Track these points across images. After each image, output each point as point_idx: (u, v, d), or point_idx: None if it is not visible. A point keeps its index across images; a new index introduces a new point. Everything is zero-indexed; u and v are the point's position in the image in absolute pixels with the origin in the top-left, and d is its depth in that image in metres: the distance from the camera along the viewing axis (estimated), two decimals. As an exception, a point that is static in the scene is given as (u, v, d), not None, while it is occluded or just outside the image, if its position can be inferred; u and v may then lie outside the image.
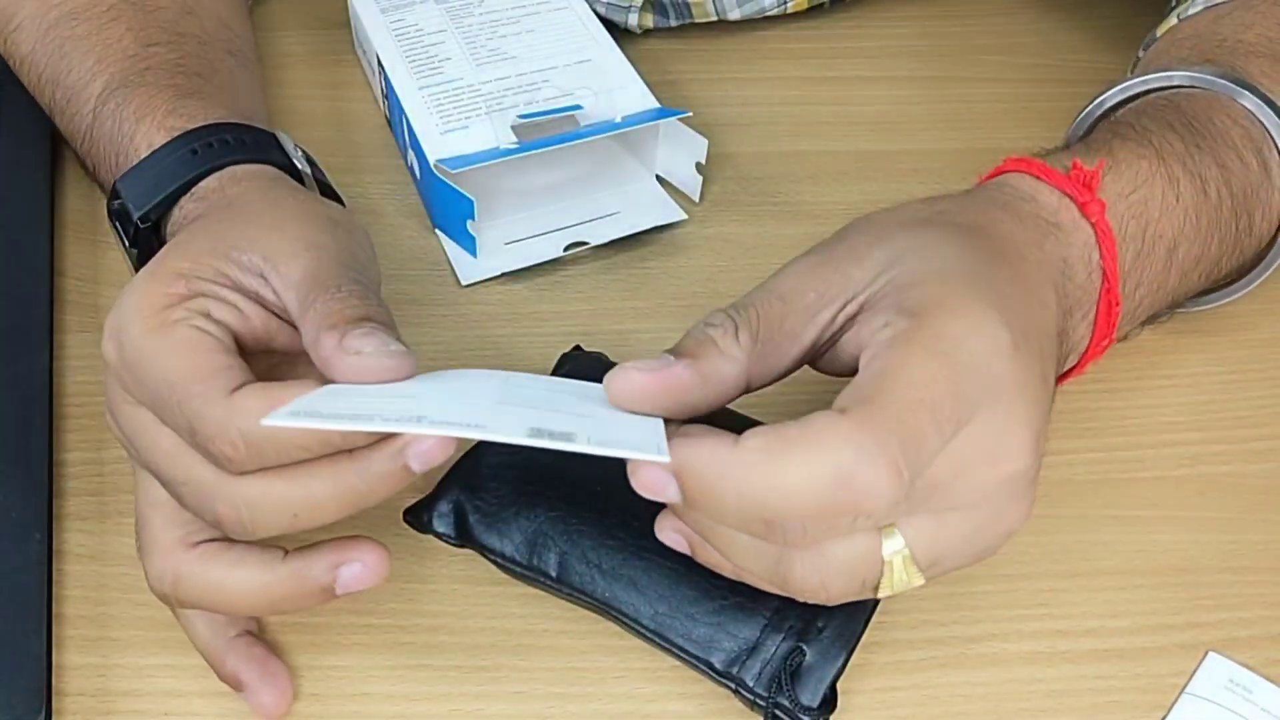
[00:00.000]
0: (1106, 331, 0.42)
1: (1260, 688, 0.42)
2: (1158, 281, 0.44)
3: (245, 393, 0.35)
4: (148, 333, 0.36)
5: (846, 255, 0.36)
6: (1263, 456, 0.49)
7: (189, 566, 0.37)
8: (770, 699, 0.39)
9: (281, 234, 0.39)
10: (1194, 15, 0.52)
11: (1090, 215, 0.40)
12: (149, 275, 0.38)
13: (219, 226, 0.40)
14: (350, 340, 0.35)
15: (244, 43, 0.56)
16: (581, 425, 0.32)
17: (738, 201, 0.59)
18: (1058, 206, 0.40)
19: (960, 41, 0.69)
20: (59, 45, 0.51)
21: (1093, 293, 0.41)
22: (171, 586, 0.37)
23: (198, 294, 0.37)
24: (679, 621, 0.40)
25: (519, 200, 0.57)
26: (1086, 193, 0.40)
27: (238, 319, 0.38)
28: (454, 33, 0.59)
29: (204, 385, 0.35)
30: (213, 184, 0.44)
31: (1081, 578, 0.45)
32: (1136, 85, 0.48)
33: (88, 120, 0.49)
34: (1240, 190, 0.45)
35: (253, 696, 0.40)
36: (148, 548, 0.38)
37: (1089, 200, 0.40)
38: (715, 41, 0.67)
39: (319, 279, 0.37)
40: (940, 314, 0.33)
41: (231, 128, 0.46)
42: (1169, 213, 0.43)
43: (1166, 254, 0.43)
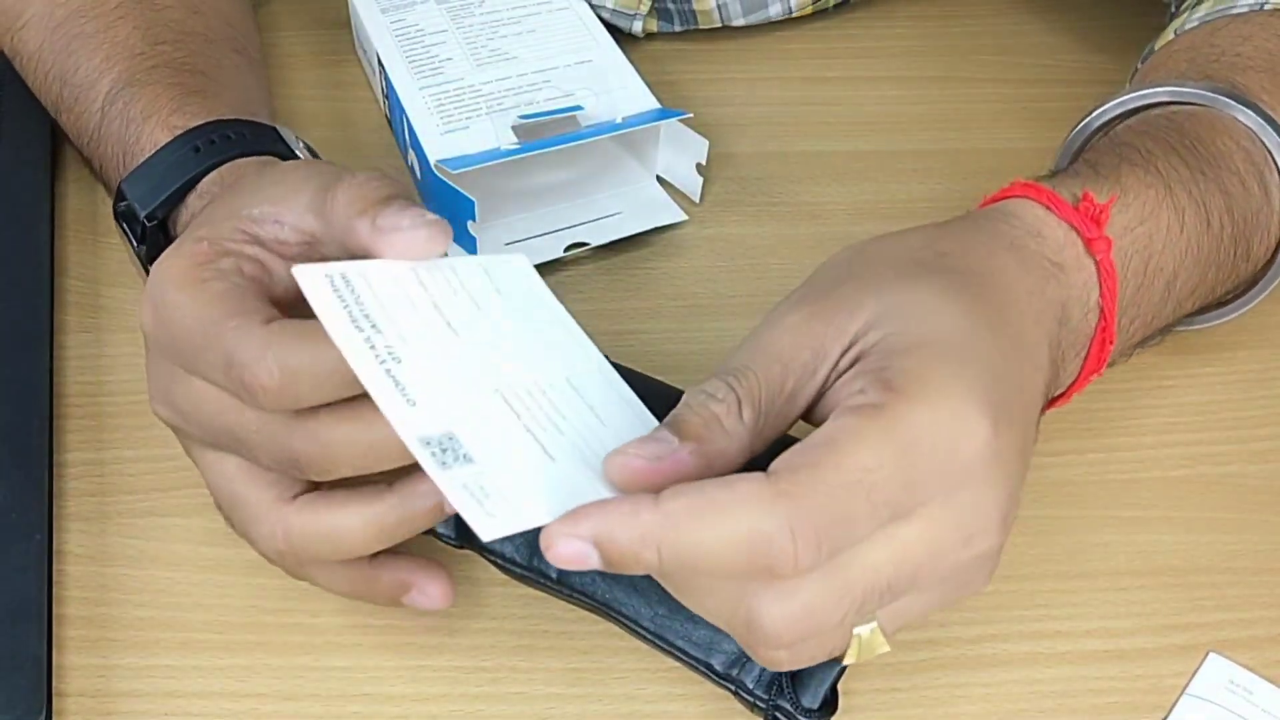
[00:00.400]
0: (1096, 366, 0.41)
1: (1261, 688, 0.42)
2: (1153, 312, 0.43)
3: (281, 324, 0.34)
4: (181, 288, 0.36)
5: (839, 307, 0.35)
6: (1263, 457, 0.49)
7: (295, 518, 0.37)
8: (770, 701, 0.39)
9: (283, 183, 0.39)
10: (1190, 30, 0.52)
11: (1096, 252, 0.39)
12: (175, 248, 0.38)
13: (227, 198, 0.40)
14: (385, 218, 0.35)
15: (249, 41, 0.56)
16: (507, 455, 0.31)
17: (738, 202, 0.59)
18: (1063, 243, 0.39)
19: (960, 42, 0.69)
20: (66, 43, 0.51)
21: (1088, 332, 0.40)
22: (285, 543, 0.37)
23: (224, 253, 0.37)
24: (679, 624, 0.40)
25: (519, 201, 0.57)
26: (1094, 228, 0.39)
27: (263, 274, 0.37)
28: (455, 33, 0.59)
29: (240, 319, 0.35)
30: (214, 178, 0.45)
31: (1081, 579, 0.45)
32: (1134, 100, 0.47)
33: (95, 119, 0.49)
34: (1241, 217, 0.45)
35: (420, 593, 0.39)
36: (249, 520, 0.38)
37: (1096, 237, 0.39)
38: (716, 43, 0.67)
39: (329, 181, 0.37)
40: (914, 399, 0.32)
41: (234, 124, 0.46)
42: (1172, 245, 0.42)
43: (1165, 286, 0.43)
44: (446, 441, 0.30)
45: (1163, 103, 0.47)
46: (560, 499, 0.31)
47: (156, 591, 0.43)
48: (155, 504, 0.45)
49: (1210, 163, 0.44)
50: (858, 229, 0.58)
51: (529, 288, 0.38)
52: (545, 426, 0.33)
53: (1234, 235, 0.44)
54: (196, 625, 0.42)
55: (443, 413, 0.31)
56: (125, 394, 0.49)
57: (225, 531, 0.44)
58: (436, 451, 0.30)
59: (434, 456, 0.30)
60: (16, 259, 0.51)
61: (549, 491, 0.31)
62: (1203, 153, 0.44)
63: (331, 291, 0.32)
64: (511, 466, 0.31)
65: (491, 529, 0.29)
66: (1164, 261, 0.42)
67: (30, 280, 0.50)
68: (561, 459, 0.32)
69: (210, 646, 0.42)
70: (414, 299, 0.34)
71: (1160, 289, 0.43)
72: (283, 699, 0.41)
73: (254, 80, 0.54)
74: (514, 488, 0.30)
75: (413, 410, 0.31)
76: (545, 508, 0.30)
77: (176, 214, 0.45)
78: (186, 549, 0.44)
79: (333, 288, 0.32)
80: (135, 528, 0.45)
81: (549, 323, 0.37)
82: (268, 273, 0.37)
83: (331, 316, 0.32)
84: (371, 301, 0.33)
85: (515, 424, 0.32)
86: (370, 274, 0.33)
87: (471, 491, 0.30)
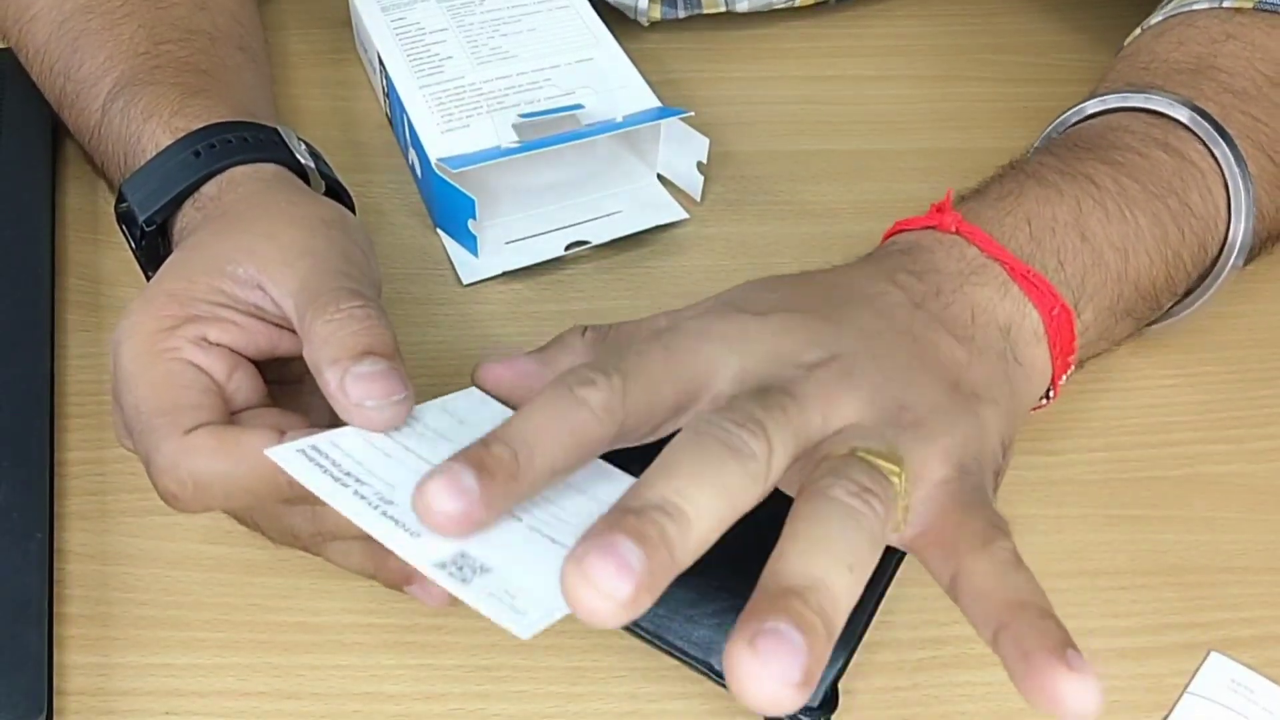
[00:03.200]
0: (1052, 303, 0.40)
1: (1262, 687, 0.42)
2: (1088, 264, 0.42)
3: (200, 433, 0.36)
4: (134, 358, 0.38)
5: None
6: (1264, 456, 0.49)
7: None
8: None
9: (275, 241, 0.39)
10: (1151, 27, 0.53)
11: (946, 227, 0.41)
12: (145, 300, 0.39)
13: (214, 240, 0.41)
14: (353, 384, 0.35)
15: (254, 38, 0.56)
16: (519, 556, 0.32)
17: (739, 201, 0.59)
18: (916, 241, 0.41)
19: (961, 41, 0.69)
20: (73, 39, 0.51)
21: (1010, 293, 0.40)
22: (315, 523, 0.39)
23: (193, 317, 0.38)
24: (678, 624, 0.40)
25: (520, 199, 0.57)
26: (938, 215, 0.42)
27: (237, 335, 0.39)
28: (455, 31, 0.59)
29: (165, 419, 0.36)
30: (212, 190, 0.44)
31: (1082, 577, 0.45)
32: (1059, 125, 0.50)
33: (96, 117, 0.49)
34: (1151, 177, 0.44)
35: (423, 590, 0.39)
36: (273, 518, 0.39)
37: (945, 218, 0.41)
38: (717, 41, 0.67)
39: (314, 294, 0.38)
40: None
41: (235, 126, 0.46)
42: (1049, 203, 0.42)
43: (1079, 238, 0.42)
44: (460, 560, 0.31)
45: (1091, 114, 0.48)
46: None
47: (158, 590, 0.43)
48: (156, 502, 0.45)
49: (1088, 148, 0.45)
50: (859, 228, 0.57)
51: (489, 411, 0.39)
52: (547, 520, 0.33)
53: (1148, 192, 0.44)
54: (198, 624, 0.42)
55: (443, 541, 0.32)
56: (126, 393, 0.49)
57: (226, 530, 0.44)
58: (454, 571, 0.31)
59: (452, 576, 0.31)
60: (18, 257, 0.51)
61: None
62: (1082, 144, 0.45)
63: (308, 463, 0.34)
64: (528, 565, 0.32)
65: (526, 627, 0.30)
66: (1052, 215, 0.42)
67: (31, 279, 0.50)
68: (571, 543, 0.32)
69: (211, 645, 0.42)
70: (387, 450, 0.35)
71: (1075, 240, 0.42)
72: (284, 697, 0.41)
73: (257, 79, 0.54)
74: (538, 582, 0.31)
75: (419, 541, 0.32)
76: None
77: (175, 218, 0.45)
78: (188, 547, 0.44)
79: (308, 459, 0.34)
80: (136, 526, 0.45)
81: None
82: (241, 332, 0.39)
83: (316, 484, 0.33)
84: (348, 462, 0.34)
85: (518, 526, 0.33)
86: (340, 440, 0.35)
87: (499, 598, 0.30)
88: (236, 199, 0.44)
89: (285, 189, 0.44)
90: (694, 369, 0.34)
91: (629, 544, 0.28)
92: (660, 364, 0.34)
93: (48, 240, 0.52)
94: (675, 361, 0.34)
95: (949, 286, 0.40)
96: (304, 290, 0.38)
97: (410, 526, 0.32)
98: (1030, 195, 0.43)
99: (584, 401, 0.32)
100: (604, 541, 0.28)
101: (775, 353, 0.35)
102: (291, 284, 0.38)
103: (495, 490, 0.30)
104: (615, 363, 0.33)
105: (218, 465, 0.35)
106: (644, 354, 0.34)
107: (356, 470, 0.34)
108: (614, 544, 0.28)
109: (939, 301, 0.39)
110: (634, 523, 0.28)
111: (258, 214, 0.42)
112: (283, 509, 0.39)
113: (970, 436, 0.35)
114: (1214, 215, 0.46)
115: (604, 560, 0.27)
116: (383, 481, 0.34)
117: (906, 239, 0.42)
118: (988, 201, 0.43)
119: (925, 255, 0.41)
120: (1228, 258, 0.46)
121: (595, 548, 0.28)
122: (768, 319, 0.36)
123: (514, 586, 0.31)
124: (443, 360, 0.51)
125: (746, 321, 0.36)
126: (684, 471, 0.30)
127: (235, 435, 0.36)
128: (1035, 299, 0.40)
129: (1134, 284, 0.44)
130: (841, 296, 0.38)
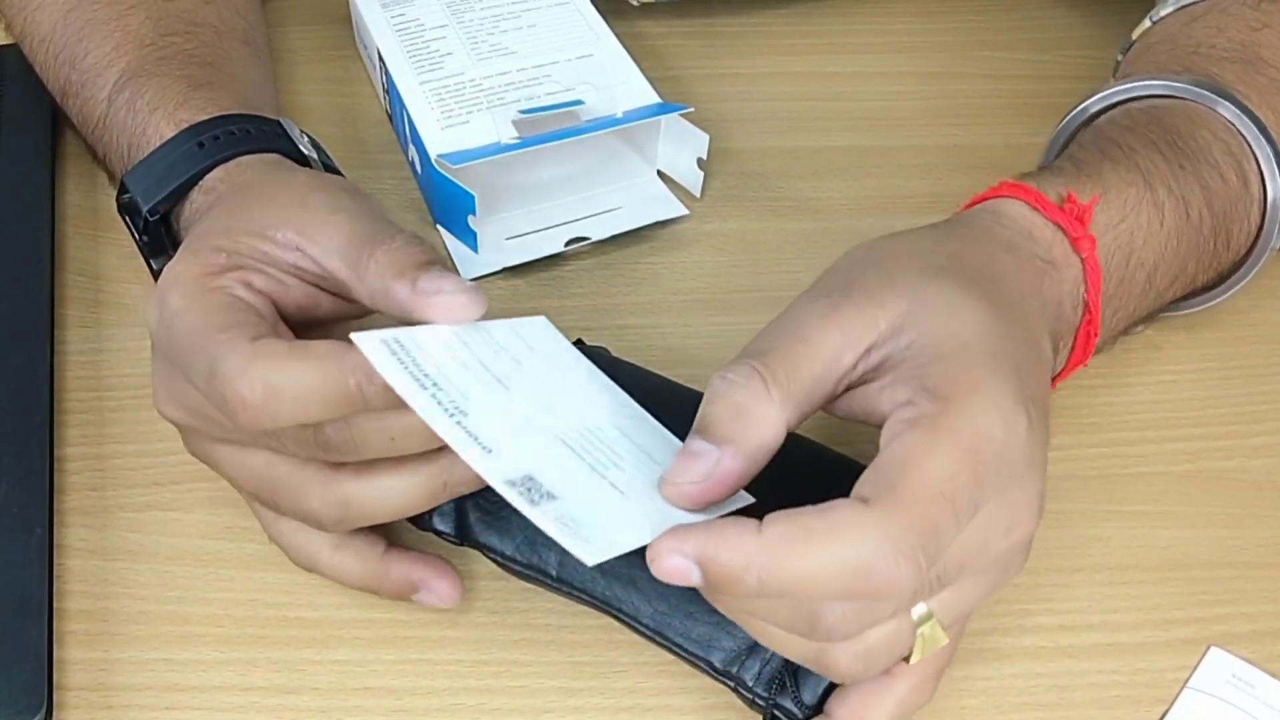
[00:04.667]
0: (1081, 358, 0.43)
1: (1263, 682, 0.42)
2: (1135, 304, 0.45)
3: (269, 340, 0.35)
4: (183, 295, 0.37)
5: (866, 299, 0.35)
6: (1264, 452, 0.49)
7: (352, 485, 0.37)
8: (770, 699, 0.39)
9: (306, 207, 0.39)
10: (1165, 17, 0.53)
11: (1081, 250, 0.41)
12: (190, 250, 0.39)
13: (247, 208, 0.40)
14: (426, 282, 0.35)
15: (257, 32, 0.57)
16: (582, 491, 0.33)
17: (739, 197, 0.59)
18: (1051, 241, 0.41)
19: (960, 37, 0.69)
20: (79, 28, 0.51)
21: (1075, 324, 0.42)
22: (344, 509, 0.37)
23: (238, 266, 0.38)
24: (678, 620, 0.40)
25: (520, 195, 0.56)
26: (1079, 227, 0.41)
27: (279, 289, 0.38)
28: (455, 28, 0.59)
29: (230, 332, 0.35)
30: (219, 175, 0.45)
31: (1084, 573, 0.45)
32: (1117, 94, 0.49)
33: (102, 108, 0.49)
34: (1221, 209, 0.46)
35: (429, 591, 0.41)
36: (298, 497, 0.38)
37: (1081, 236, 0.41)
38: (717, 36, 0.67)
39: (364, 237, 0.38)
40: (965, 402, 0.32)
41: (238, 119, 0.46)
42: (1152, 239, 0.44)
43: (1146, 279, 0.44)
44: (529, 483, 0.32)
45: (1145, 96, 0.48)
46: (649, 525, 0.32)
47: (157, 585, 0.43)
48: (156, 498, 0.45)
49: (1189, 156, 0.45)
50: (858, 224, 0.58)
51: (555, 345, 0.40)
52: (608, 466, 0.34)
53: (1214, 227, 0.45)
54: (197, 619, 0.42)
55: (518, 458, 0.33)
56: (126, 389, 0.49)
57: (226, 525, 0.44)
58: (523, 491, 0.32)
59: (523, 495, 0.31)
60: (17, 254, 0.51)
61: (633, 519, 0.33)
62: (1182, 147, 0.45)
63: (391, 355, 0.33)
64: (591, 501, 0.33)
65: (593, 554, 0.31)
66: (1145, 256, 0.43)
67: (31, 275, 0.50)
68: (631, 493, 0.34)
69: (211, 640, 0.42)
70: (463, 360, 0.35)
71: (1142, 281, 0.44)
72: (283, 692, 0.41)
73: (261, 73, 0.54)
74: (601, 518, 0.32)
75: (491, 457, 0.32)
76: (635, 533, 0.32)
77: (180, 209, 0.46)
78: (187, 543, 0.44)
79: (390, 352, 0.34)
80: (136, 522, 0.45)
81: (582, 374, 0.39)
82: (283, 288, 0.39)
83: (398, 379, 0.33)
84: (428, 363, 0.34)
85: (582, 465, 0.34)
86: (421, 339, 0.35)
87: (565, 524, 0.31)
88: (250, 179, 0.44)
89: (301, 170, 0.45)
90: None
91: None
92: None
93: (47, 236, 0.52)
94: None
95: (1058, 359, 0.41)
96: (351, 240, 0.38)
97: (483, 440, 0.32)
98: (1141, 221, 0.43)
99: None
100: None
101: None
102: (335, 239, 0.38)
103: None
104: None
105: (291, 366, 0.34)
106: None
107: (435, 375, 0.34)
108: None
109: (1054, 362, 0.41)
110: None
111: (279, 188, 0.42)
112: (319, 470, 0.38)
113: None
114: (1241, 246, 0.48)
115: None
116: (458, 390, 0.34)
117: (1045, 246, 0.40)
118: (1110, 214, 0.42)
119: (1056, 285, 0.40)
120: (1237, 282, 0.49)
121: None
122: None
123: (580, 517, 0.31)
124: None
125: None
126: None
127: (304, 344, 0.35)
128: (1075, 357, 0.42)
129: (1150, 312, 0.46)
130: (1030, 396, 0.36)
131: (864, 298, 0.35)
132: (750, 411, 0.33)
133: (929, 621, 0.34)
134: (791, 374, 0.34)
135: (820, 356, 0.34)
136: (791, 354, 0.34)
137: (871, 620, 0.33)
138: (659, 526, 0.32)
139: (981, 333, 0.34)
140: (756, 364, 0.34)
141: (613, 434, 0.36)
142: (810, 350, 0.34)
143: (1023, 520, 0.34)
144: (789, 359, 0.34)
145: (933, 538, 0.31)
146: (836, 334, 0.34)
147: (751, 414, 0.33)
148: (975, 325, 0.35)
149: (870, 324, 0.35)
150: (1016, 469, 0.33)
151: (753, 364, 0.34)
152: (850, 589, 0.31)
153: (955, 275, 0.36)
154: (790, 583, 0.31)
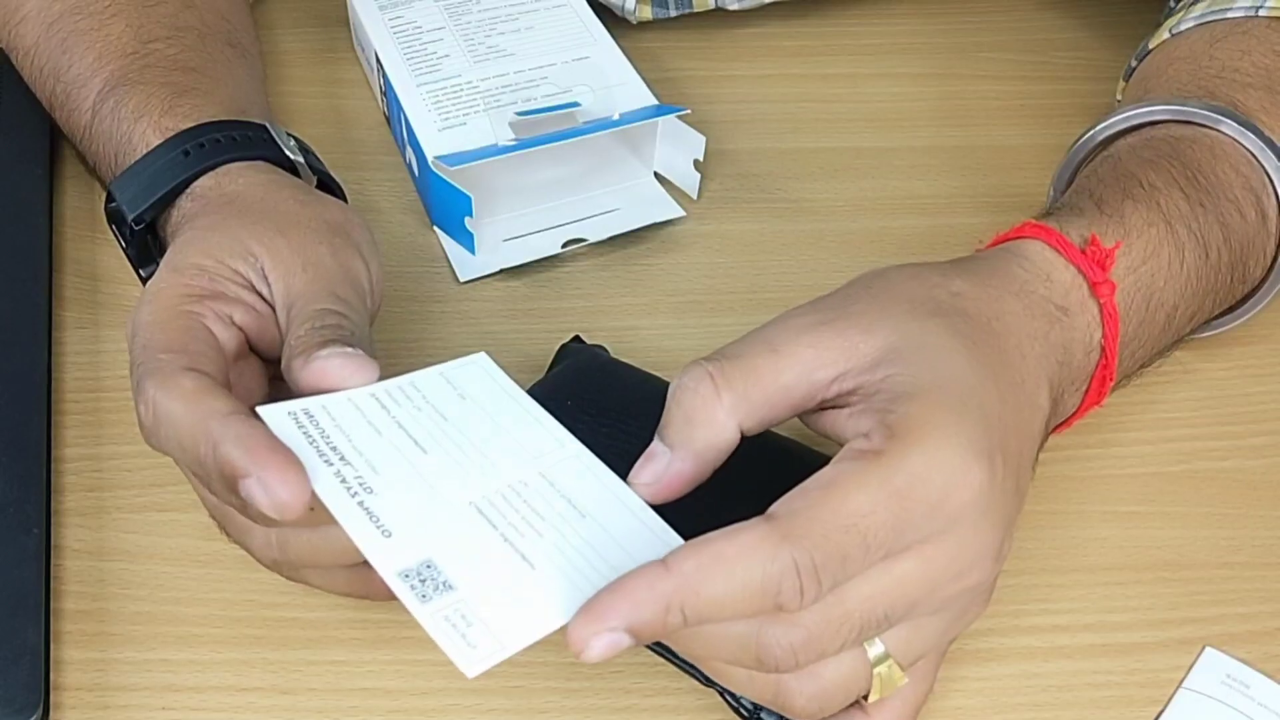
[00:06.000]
0: (1096, 399, 0.43)
1: (1257, 682, 0.42)
2: (1154, 343, 0.45)
3: (191, 375, 0.36)
4: (156, 311, 0.38)
5: (851, 325, 0.35)
6: (1259, 452, 0.49)
7: (289, 529, 0.37)
8: (755, 710, 0.39)
9: (286, 241, 0.40)
10: (1186, 31, 0.52)
11: (1100, 296, 0.41)
12: (172, 267, 0.39)
13: (232, 224, 0.41)
14: (319, 355, 0.36)
15: (244, 33, 0.56)
16: (486, 572, 0.32)
17: (736, 198, 0.59)
18: (1069, 286, 0.40)
19: (959, 38, 0.69)
20: (62, 40, 0.51)
21: (1089, 369, 0.41)
22: (281, 552, 0.38)
23: (220, 294, 0.39)
24: None
25: (517, 197, 0.57)
26: (1100, 273, 0.41)
27: (255, 322, 0.39)
28: (452, 30, 0.59)
29: (169, 356, 0.36)
30: (209, 182, 0.44)
31: (1078, 573, 0.45)
32: (1137, 116, 0.48)
33: (87, 118, 0.49)
34: (1238, 244, 0.45)
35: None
36: (242, 530, 0.38)
37: (1101, 281, 0.41)
38: (714, 38, 0.67)
39: (305, 302, 0.39)
40: (913, 445, 0.32)
41: (223, 125, 0.46)
42: (1173, 281, 0.43)
43: (1166, 319, 0.44)
44: (425, 571, 0.31)
45: (1165, 121, 0.48)
46: (557, 602, 0.31)
47: (154, 586, 0.43)
48: (153, 499, 0.46)
49: (1209, 194, 0.45)
50: (856, 225, 0.58)
51: (493, 386, 0.39)
52: (524, 531, 0.33)
53: (1230, 263, 0.45)
54: (194, 619, 0.42)
55: (419, 540, 0.32)
56: (123, 390, 0.48)
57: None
58: (416, 584, 0.31)
59: (413, 590, 0.31)
60: (15, 255, 0.51)
61: (540, 597, 0.31)
62: (1203, 183, 0.45)
63: (296, 428, 0.33)
64: (495, 583, 0.32)
65: (475, 662, 0.29)
66: (1165, 297, 0.43)
67: (29, 276, 0.50)
68: (542, 565, 0.32)
69: (208, 640, 0.42)
70: (378, 424, 0.35)
71: (1161, 322, 0.44)
72: (280, 693, 0.41)
73: (247, 74, 0.54)
74: (501, 606, 0.31)
75: (389, 542, 0.32)
76: (540, 617, 0.31)
77: (166, 216, 0.46)
78: (184, 543, 0.44)
79: (297, 424, 0.34)
80: (133, 523, 0.45)
81: (517, 417, 0.38)
82: (259, 319, 0.40)
83: (301, 455, 0.33)
84: (336, 434, 0.34)
85: (492, 536, 0.33)
86: (331, 406, 0.34)
87: (454, 624, 0.30)
88: (240, 189, 0.44)
89: (290, 186, 0.45)
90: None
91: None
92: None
93: (45, 238, 0.52)
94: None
95: (1070, 403, 0.41)
96: (296, 302, 0.39)
97: (384, 523, 0.32)
98: (1162, 264, 0.43)
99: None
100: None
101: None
102: (291, 289, 0.39)
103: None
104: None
105: (175, 406, 0.35)
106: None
107: (343, 446, 0.33)
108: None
109: (1056, 413, 0.40)
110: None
111: (268, 208, 0.42)
112: (254, 532, 0.38)
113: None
114: (1256, 279, 0.48)
115: None
116: (366, 463, 0.33)
117: (1062, 291, 0.40)
118: (1133, 258, 0.42)
119: (1066, 331, 0.40)
120: (1257, 303, 0.49)
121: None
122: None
123: (473, 613, 0.30)
124: (439, 358, 0.50)
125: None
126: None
127: (212, 389, 0.35)
128: (1088, 402, 0.42)
129: (1160, 348, 0.46)
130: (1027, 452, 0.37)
131: (850, 323, 0.35)
132: (698, 415, 0.34)
133: (886, 661, 0.34)
134: (750, 380, 0.34)
135: (789, 367, 0.35)
136: (754, 361, 0.35)
137: (817, 653, 0.33)
138: (569, 600, 0.31)
139: (958, 379, 0.35)
140: (711, 368, 0.35)
141: (539, 487, 0.35)
142: (775, 360, 0.35)
143: (976, 567, 0.34)
144: (748, 365, 0.35)
145: (838, 562, 0.31)
146: (809, 350, 0.35)
147: (699, 417, 0.34)
148: (952, 371, 0.35)
149: (850, 349, 0.35)
150: (965, 517, 0.33)
151: (707, 368, 0.35)
152: (760, 606, 0.31)
153: (950, 317, 0.36)
154: (713, 607, 0.31)
